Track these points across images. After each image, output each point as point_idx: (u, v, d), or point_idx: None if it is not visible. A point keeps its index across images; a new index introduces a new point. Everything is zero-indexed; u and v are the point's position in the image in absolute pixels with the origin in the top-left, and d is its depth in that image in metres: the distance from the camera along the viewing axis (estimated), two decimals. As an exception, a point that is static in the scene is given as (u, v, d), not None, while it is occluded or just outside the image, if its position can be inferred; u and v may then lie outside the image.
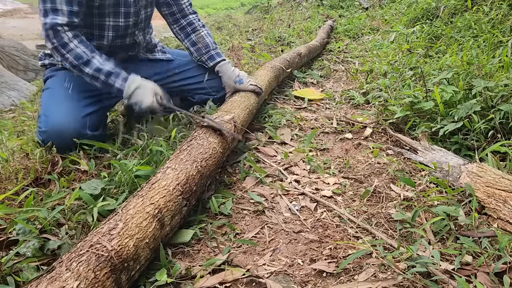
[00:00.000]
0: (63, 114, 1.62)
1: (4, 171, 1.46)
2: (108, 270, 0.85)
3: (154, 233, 1.01)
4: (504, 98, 1.70)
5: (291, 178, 1.56)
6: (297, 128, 2.08)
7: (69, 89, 1.71)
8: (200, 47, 2.01)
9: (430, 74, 2.28)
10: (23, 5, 10.90)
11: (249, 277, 1.03)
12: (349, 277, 1.04)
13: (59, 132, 1.59)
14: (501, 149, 1.51)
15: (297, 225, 1.28)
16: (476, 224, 1.20)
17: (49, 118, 1.62)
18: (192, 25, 2.02)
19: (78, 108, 1.66)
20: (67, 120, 1.61)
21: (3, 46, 4.36)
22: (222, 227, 1.26)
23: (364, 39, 4.67)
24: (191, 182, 1.21)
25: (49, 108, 1.66)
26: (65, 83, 1.73)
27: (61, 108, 1.64)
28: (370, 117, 2.21)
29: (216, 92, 2.04)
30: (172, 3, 1.97)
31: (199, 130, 1.50)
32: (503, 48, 2.26)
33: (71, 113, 1.63)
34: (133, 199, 1.06)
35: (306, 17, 6.06)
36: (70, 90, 1.71)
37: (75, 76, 1.69)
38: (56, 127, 1.59)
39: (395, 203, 1.37)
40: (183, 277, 1.03)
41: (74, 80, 1.73)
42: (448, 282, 0.98)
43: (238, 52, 3.60)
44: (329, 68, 3.34)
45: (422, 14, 4.06)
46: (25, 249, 1.05)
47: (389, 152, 1.81)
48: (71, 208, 1.23)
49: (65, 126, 1.59)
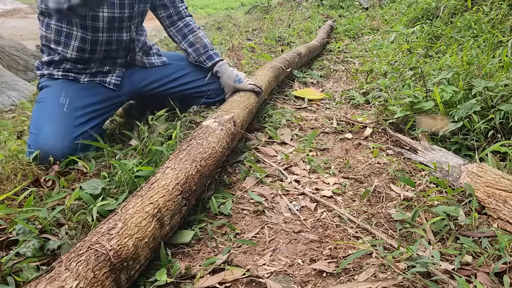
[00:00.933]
0: (53, 135, 1.56)
1: (3, 171, 1.46)
2: (107, 270, 0.85)
3: (154, 232, 1.01)
4: (504, 98, 1.70)
5: (291, 178, 1.56)
6: (297, 128, 2.08)
7: (64, 105, 1.66)
8: (198, 47, 2.00)
9: (430, 74, 2.28)
10: (23, 5, 10.90)
11: (249, 277, 1.03)
12: (349, 277, 1.04)
13: (47, 154, 1.53)
14: (501, 149, 1.51)
15: (297, 225, 1.28)
16: (476, 224, 1.20)
17: (39, 138, 1.56)
18: (189, 27, 2.02)
19: (70, 128, 1.61)
20: (56, 143, 1.55)
21: (3, 46, 4.37)
22: (222, 227, 1.26)
23: (364, 39, 4.67)
24: (190, 182, 1.21)
25: (39, 125, 1.60)
26: (61, 98, 1.67)
27: (52, 128, 1.58)
28: (370, 117, 2.21)
29: (216, 95, 2.03)
30: (169, 5, 1.97)
31: (198, 130, 1.50)
32: (503, 48, 2.26)
33: (62, 135, 1.57)
34: (133, 199, 1.06)
35: (306, 17, 6.06)
36: (65, 107, 1.65)
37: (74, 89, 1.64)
38: (44, 149, 1.53)
39: (395, 203, 1.37)
40: (183, 277, 1.03)
41: (72, 94, 1.68)
42: (448, 282, 0.98)
43: (238, 52, 3.60)
44: (329, 68, 3.34)
45: (422, 14, 4.06)
46: (25, 249, 1.05)
47: (389, 152, 1.81)
48: (71, 208, 1.23)
49: (53, 149, 1.54)
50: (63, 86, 1.71)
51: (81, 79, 1.78)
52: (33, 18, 9.21)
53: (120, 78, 1.87)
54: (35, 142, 1.56)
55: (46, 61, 1.79)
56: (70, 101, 1.68)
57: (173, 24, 2.01)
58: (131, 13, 1.79)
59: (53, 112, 1.64)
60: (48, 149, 1.54)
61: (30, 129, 1.64)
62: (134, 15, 1.82)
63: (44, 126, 1.59)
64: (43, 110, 1.66)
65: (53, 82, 1.75)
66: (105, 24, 1.72)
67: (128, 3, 1.75)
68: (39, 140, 1.56)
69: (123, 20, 1.77)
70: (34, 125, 1.63)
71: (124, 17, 1.77)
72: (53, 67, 1.77)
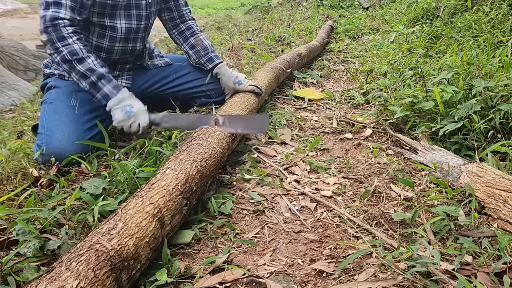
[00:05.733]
0: (66, 138, 1.57)
1: (4, 171, 1.46)
2: (108, 269, 0.85)
3: (154, 232, 1.02)
4: (504, 98, 1.70)
5: (291, 178, 1.56)
6: (297, 128, 2.08)
7: (75, 107, 1.66)
8: (199, 49, 2.01)
9: (430, 74, 2.28)
10: (23, 5, 10.91)
11: (249, 277, 1.03)
12: (349, 277, 1.04)
13: (60, 157, 1.54)
14: (501, 149, 1.51)
15: (297, 225, 1.28)
16: (476, 224, 1.20)
17: (51, 140, 1.56)
18: (191, 29, 2.04)
19: (81, 132, 1.62)
20: (69, 146, 1.56)
21: (3, 46, 4.36)
22: (222, 227, 1.26)
23: (364, 39, 4.67)
24: (190, 182, 1.21)
25: (51, 127, 1.60)
26: (71, 100, 1.68)
27: (65, 131, 1.59)
28: (370, 117, 2.21)
29: (216, 95, 2.04)
30: (173, 9, 1.99)
31: (198, 130, 1.50)
32: (503, 48, 2.26)
33: (74, 138, 1.58)
34: (133, 199, 1.06)
35: (306, 17, 6.06)
36: (76, 110, 1.66)
37: (82, 91, 1.64)
38: (57, 152, 1.54)
39: (395, 203, 1.37)
40: (183, 276, 1.03)
41: (82, 96, 1.69)
42: (448, 282, 0.98)
43: (238, 52, 3.60)
44: (329, 68, 3.34)
45: (422, 14, 4.06)
46: (26, 249, 1.05)
47: (389, 152, 1.81)
48: (72, 208, 1.23)
49: (67, 153, 1.54)
50: (73, 88, 1.71)
51: None
52: (33, 18, 9.22)
53: (130, 81, 1.90)
54: (47, 145, 1.56)
55: None
56: (80, 104, 1.68)
57: (175, 26, 2.03)
58: (146, 24, 1.83)
59: (64, 114, 1.64)
60: (61, 153, 1.54)
61: (39, 129, 1.64)
62: (149, 26, 1.87)
63: (56, 129, 1.59)
64: (54, 112, 1.66)
65: (62, 83, 1.75)
66: (123, 34, 1.76)
67: (145, 14, 1.79)
68: (52, 143, 1.56)
69: (139, 31, 1.81)
70: (45, 126, 1.62)
71: (140, 28, 1.80)
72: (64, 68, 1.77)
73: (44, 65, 1.84)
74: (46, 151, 1.55)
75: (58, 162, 1.53)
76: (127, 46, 1.81)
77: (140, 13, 1.77)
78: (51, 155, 1.53)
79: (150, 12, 1.82)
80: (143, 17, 1.79)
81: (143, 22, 1.80)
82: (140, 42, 1.86)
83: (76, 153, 1.56)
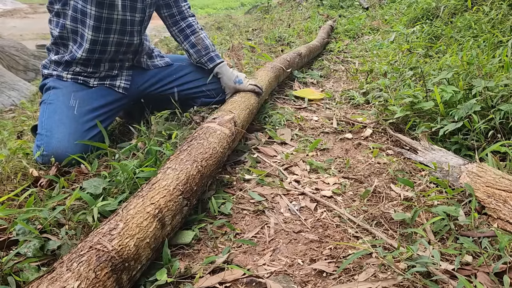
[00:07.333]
0: (66, 139, 1.58)
1: (4, 171, 1.46)
2: (109, 270, 0.85)
3: (155, 232, 1.02)
4: (504, 98, 1.70)
5: (291, 178, 1.56)
6: (297, 128, 2.08)
7: (74, 107, 1.66)
8: (200, 48, 2.00)
9: (430, 74, 2.28)
10: (23, 5, 10.91)
11: (249, 277, 1.03)
12: (349, 277, 1.04)
13: (60, 158, 1.54)
14: (501, 149, 1.51)
15: (297, 225, 1.28)
16: (476, 224, 1.20)
17: (51, 140, 1.57)
18: (191, 27, 2.02)
19: (81, 133, 1.62)
20: (69, 147, 1.56)
21: (3, 46, 4.36)
22: (222, 227, 1.26)
23: (364, 39, 4.67)
24: (191, 182, 1.21)
25: (51, 128, 1.60)
26: (71, 101, 1.68)
27: (64, 132, 1.59)
28: (370, 117, 2.21)
29: (216, 95, 2.04)
30: (172, 5, 1.97)
31: (199, 130, 1.50)
32: (503, 48, 2.27)
33: (74, 139, 1.58)
34: (134, 200, 1.06)
35: (306, 17, 6.06)
36: (75, 110, 1.66)
37: (83, 92, 1.64)
38: (58, 153, 1.55)
39: (395, 203, 1.37)
40: (183, 276, 1.03)
41: (81, 97, 1.69)
42: (448, 282, 0.98)
43: (238, 52, 3.60)
44: (329, 68, 3.34)
45: (422, 14, 4.07)
46: (26, 249, 1.06)
47: (389, 152, 1.81)
48: (72, 208, 1.23)
49: (67, 154, 1.55)
50: (72, 89, 1.71)
51: (90, 82, 1.79)
52: (33, 18, 9.21)
53: (129, 82, 1.89)
54: (47, 145, 1.56)
55: (54, 60, 1.78)
56: (79, 104, 1.68)
57: (175, 24, 2.02)
58: (142, 17, 1.82)
59: (64, 115, 1.64)
60: (61, 153, 1.55)
61: (39, 129, 1.63)
62: (145, 19, 1.85)
63: (55, 130, 1.60)
64: (53, 112, 1.66)
65: (61, 83, 1.75)
66: (118, 26, 1.74)
67: (140, 7, 1.78)
68: (52, 144, 1.56)
69: (134, 24, 1.79)
70: (45, 127, 1.62)
71: (135, 20, 1.79)
72: (62, 68, 1.77)
73: (42, 65, 1.84)
74: (45, 151, 1.55)
75: (58, 162, 1.53)
76: (123, 39, 1.78)
77: (135, 6, 1.75)
78: (50, 155, 1.54)
79: (145, 5, 1.80)
80: (138, 9, 1.76)
81: (138, 15, 1.78)
82: (137, 35, 1.83)
83: (76, 153, 1.56)
